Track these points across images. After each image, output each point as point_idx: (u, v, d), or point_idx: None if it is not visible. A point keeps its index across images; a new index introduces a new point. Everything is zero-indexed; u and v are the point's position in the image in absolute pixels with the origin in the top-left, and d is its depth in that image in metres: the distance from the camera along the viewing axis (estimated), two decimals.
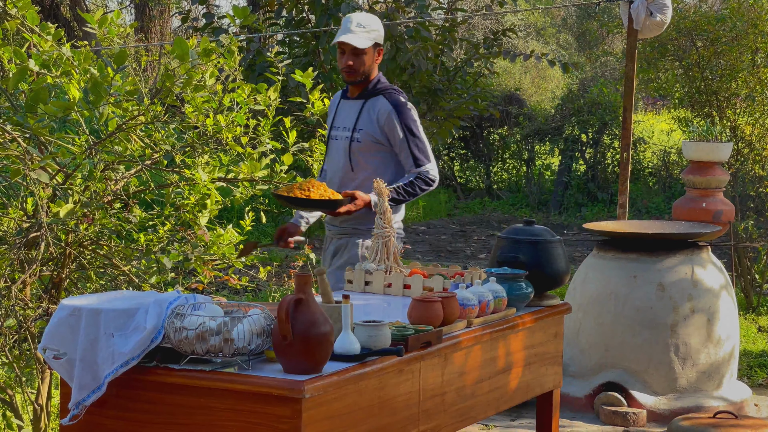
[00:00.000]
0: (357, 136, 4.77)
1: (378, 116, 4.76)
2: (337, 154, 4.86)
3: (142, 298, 3.31)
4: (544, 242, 4.55)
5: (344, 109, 4.86)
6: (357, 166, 4.80)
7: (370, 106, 4.78)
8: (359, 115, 4.79)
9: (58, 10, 15.09)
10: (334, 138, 4.88)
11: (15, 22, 4.48)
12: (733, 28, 9.61)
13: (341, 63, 4.75)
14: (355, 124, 4.79)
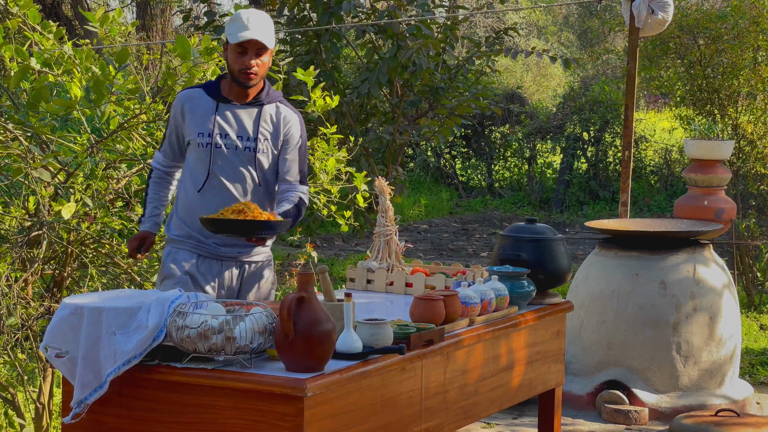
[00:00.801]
0: (261, 146, 4.19)
1: (282, 124, 4.22)
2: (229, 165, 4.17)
3: (144, 296, 3.31)
4: (546, 240, 4.55)
5: (229, 115, 4.17)
6: (262, 178, 4.22)
7: (269, 112, 4.22)
8: (258, 124, 4.20)
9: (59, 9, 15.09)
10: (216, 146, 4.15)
11: (16, 20, 4.48)
12: (735, 26, 9.60)
13: (240, 63, 4.10)
14: (257, 132, 4.18)
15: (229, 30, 4.12)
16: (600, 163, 15.68)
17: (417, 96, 9.17)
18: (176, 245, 4.20)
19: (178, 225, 4.20)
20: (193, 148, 4.17)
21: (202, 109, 4.17)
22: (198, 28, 9.36)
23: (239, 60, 4.12)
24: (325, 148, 5.09)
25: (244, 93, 4.18)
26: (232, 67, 4.13)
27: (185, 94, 4.23)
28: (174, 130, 4.23)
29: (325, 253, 11.61)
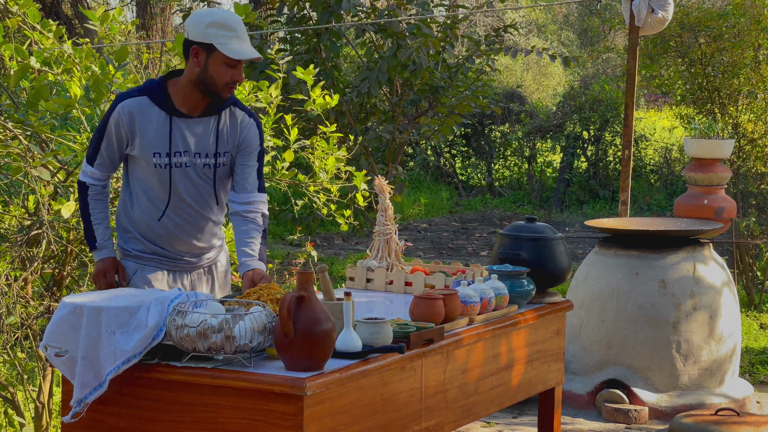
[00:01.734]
0: (221, 161, 3.93)
1: (240, 129, 3.94)
2: (191, 185, 3.91)
3: (143, 295, 3.31)
4: (545, 239, 4.55)
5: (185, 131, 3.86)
6: (220, 196, 3.99)
7: (224, 121, 3.92)
8: (217, 137, 3.91)
9: (59, 8, 15.09)
10: (176, 165, 3.86)
11: (16, 19, 4.47)
12: (736, 24, 9.60)
13: (228, 77, 3.79)
14: (216, 147, 3.90)
15: (220, 38, 3.74)
16: (600, 162, 15.68)
17: (417, 95, 9.17)
18: (140, 261, 3.94)
19: (139, 241, 3.93)
20: (146, 166, 3.85)
21: (154, 125, 3.82)
22: None
23: (228, 73, 3.78)
24: (325, 146, 5.09)
25: (201, 103, 3.85)
26: (217, 80, 3.78)
27: (129, 104, 3.81)
28: (114, 143, 3.84)
29: (324, 252, 11.61)
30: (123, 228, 3.97)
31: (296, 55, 8.99)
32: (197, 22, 3.78)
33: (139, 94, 3.84)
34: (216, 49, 3.74)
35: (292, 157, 4.88)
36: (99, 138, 3.87)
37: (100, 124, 3.87)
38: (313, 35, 8.85)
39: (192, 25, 3.79)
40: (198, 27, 3.77)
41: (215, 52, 3.75)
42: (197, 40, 3.77)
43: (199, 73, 3.79)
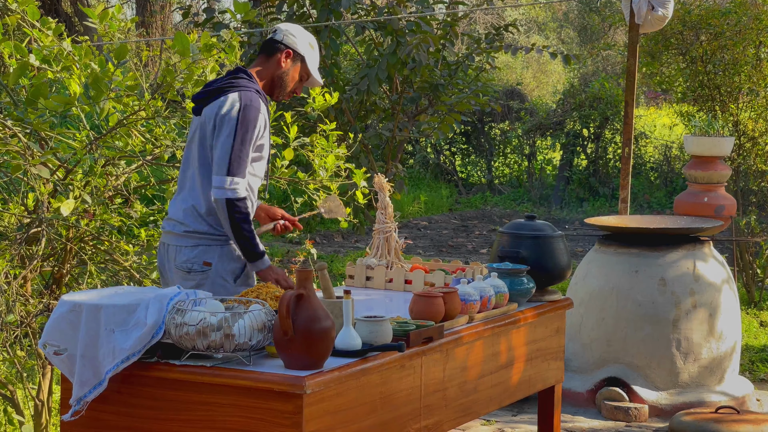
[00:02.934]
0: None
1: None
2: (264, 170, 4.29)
3: (142, 293, 3.31)
4: (545, 237, 4.55)
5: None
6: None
7: None
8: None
9: (59, 5, 15.09)
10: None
11: (16, 17, 4.47)
12: (737, 22, 9.59)
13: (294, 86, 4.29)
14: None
15: (312, 58, 4.27)
16: (600, 160, 15.67)
17: (416, 92, 9.16)
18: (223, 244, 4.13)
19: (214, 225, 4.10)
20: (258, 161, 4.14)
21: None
22: (197, 25, 9.35)
23: (297, 85, 4.28)
24: (325, 144, 5.08)
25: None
26: (288, 84, 4.25)
27: (262, 101, 4.16)
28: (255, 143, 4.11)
29: (324, 250, 11.61)
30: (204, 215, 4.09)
31: None
32: (302, 35, 4.32)
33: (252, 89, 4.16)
34: (305, 62, 4.26)
35: (292, 155, 4.87)
36: (248, 145, 4.08)
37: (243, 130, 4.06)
38: (313, 33, 8.84)
39: (294, 35, 4.29)
40: (301, 39, 4.30)
41: (303, 64, 4.26)
42: (294, 47, 4.27)
43: (280, 73, 4.24)
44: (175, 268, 4.08)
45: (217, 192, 4.01)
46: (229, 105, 4.10)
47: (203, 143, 4.14)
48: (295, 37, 4.29)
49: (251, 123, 4.09)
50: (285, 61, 4.25)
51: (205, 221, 4.10)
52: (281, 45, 4.26)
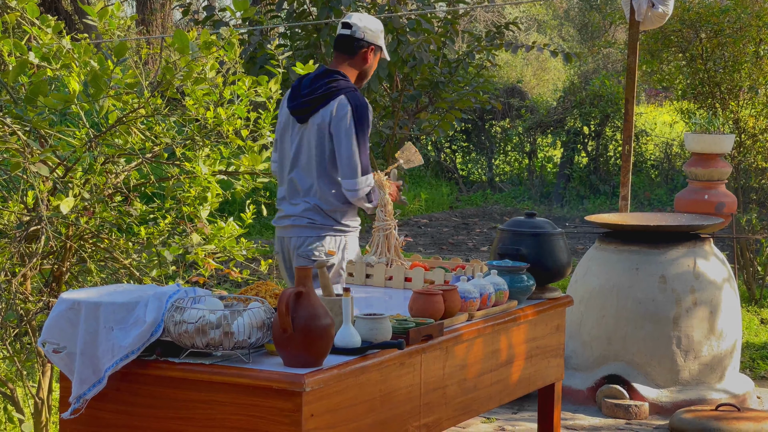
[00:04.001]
0: None
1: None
2: None
3: (141, 291, 3.30)
4: (545, 235, 4.54)
5: None
6: None
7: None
8: None
9: (58, 3, 15.07)
10: None
11: (15, 14, 4.46)
12: (737, 19, 9.57)
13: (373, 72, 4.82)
14: None
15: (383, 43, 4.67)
16: (600, 158, 15.67)
17: (417, 90, 9.16)
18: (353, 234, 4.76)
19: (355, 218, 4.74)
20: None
21: None
22: (197, 23, 9.35)
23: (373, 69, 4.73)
24: None
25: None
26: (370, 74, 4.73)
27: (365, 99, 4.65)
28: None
29: None
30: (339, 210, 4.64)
31: (296, 50, 8.98)
32: (375, 26, 4.66)
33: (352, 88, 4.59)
34: (382, 50, 4.67)
35: None
36: (367, 142, 4.58)
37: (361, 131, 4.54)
38: (313, 31, 8.84)
39: (370, 29, 4.63)
40: (376, 31, 4.64)
41: (380, 52, 4.67)
42: (374, 41, 4.65)
43: (366, 67, 4.67)
44: (297, 256, 4.57)
45: (352, 194, 4.57)
46: (342, 109, 4.52)
47: (322, 149, 4.58)
48: (372, 31, 4.64)
49: (366, 121, 4.55)
50: (370, 56, 4.66)
51: (330, 218, 4.63)
52: (363, 42, 4.64)
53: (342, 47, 4.66)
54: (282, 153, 4.79)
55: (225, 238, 4.73)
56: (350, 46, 4.64)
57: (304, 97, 4.61)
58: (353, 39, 4.62)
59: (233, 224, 4.78)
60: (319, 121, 4.56)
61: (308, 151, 4.63)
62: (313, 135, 4.59)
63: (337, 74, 4.58)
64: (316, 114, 4.57)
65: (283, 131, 4.80)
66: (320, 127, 4.57)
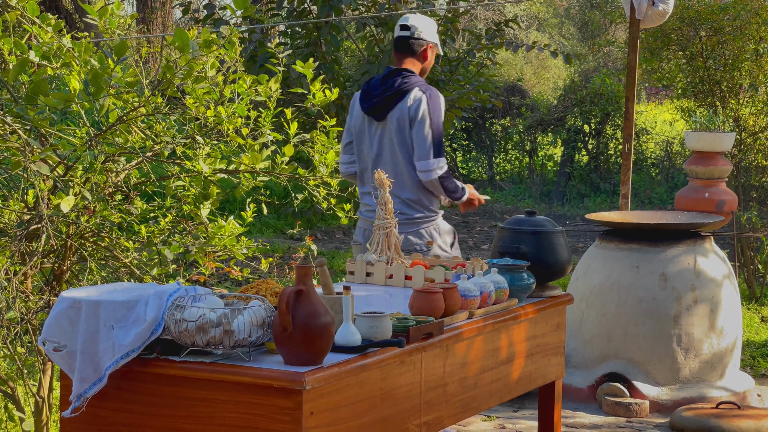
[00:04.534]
0: None
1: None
2: None
3: (142, 289, 3.31)
4: (546, 233, 4.54)
5: None
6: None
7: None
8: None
9: (59, 1, 15.07)
10: None
11: (15, 13, 4.46)
12: (737, 17, 9.58)
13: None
14: None
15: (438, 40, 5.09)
16: (601, 156, 15.66)
17: None
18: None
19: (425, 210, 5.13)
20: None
21: None
22: (198, 21, 9.35)
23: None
24: (325, 140, 5.08)
25: None
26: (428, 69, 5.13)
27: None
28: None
29: (325, 246, 11.61)
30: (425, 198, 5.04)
31: (296, 48, 8.98)
32: (430, 25, 5.06)
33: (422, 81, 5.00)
34: (437, 46, 5.07)
35: (292, 152, 4.87)
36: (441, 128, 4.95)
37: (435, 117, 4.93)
38: (314, 29, 8.84)
39: (427, 29, 5.03)
40: (432, 29, 5.04)
41: (436, 48, 5.06)
42: (432, 39, 5.05)
43: (426, 64, 5.07)
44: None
45: (425, 176, 4.92)
46: (416, 99, 4.93)
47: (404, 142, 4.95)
48: (428, 30, 5.04)
49: (440, 108, 4.93)
50: (429, 53, 5.07)
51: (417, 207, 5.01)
52: (422, 41, 5.03)
53: (403, 48, 5.06)
54: (361, 152, 5.18)
55: (225, 236, 4.73)
56: (410, 46, 5.04)
57: (377, 96, 4.99)
58: (412, 39, 5.02)
59: (234, 223, 4.78)
60: (398, 116, 4.97)
61: (390, 146, 5.01)
62: (394, 130, 4.98)
63: (406, 71, 4.99)
64: (394, 109, 4.96)
65: (359, 133, 5.18)
66: (400, 121, 4.97)
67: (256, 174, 4.86)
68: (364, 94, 5.12)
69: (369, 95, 5.07)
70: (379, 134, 5.04)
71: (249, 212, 4.94)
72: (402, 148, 4.97)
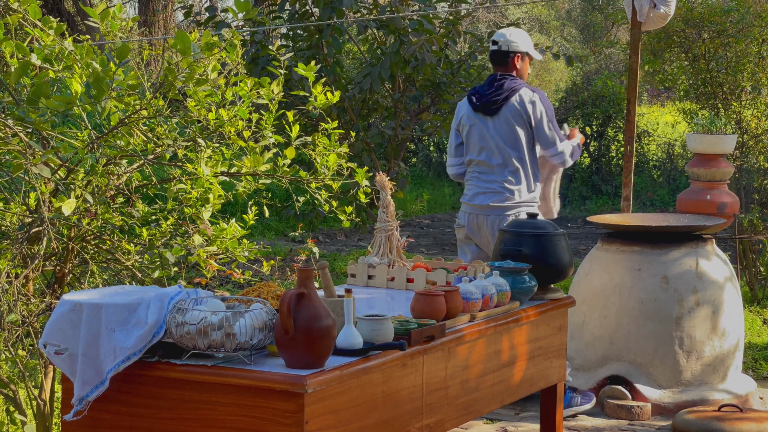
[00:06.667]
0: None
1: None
2: None
3: (143, 292, 3.31)
4: (547, 235, 4.54)
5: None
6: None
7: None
8: None
9: (61, 5, 15.09)
10: None
11: (17, 16, 4.46)
12: (740, 20, 9.57)
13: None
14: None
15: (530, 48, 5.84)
16: (602, 158, 15.65)
17: (419, 91, 9.16)
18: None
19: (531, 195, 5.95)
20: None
21: None
22: (199, 24, 9.35)
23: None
24: (327, 143, 5.08)
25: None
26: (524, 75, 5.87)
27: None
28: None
29: (327, 249, 11.61)
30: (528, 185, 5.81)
31: (298, 51, 8.98)
32: (518, 36, 5.82)
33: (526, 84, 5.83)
34: (529, 54, 5.86)
35: (294, 154, 4.86)
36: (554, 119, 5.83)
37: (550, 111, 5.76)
38: (315, 31, 8.84)
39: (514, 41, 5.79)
40: (519, 40, 5.80)
41: (528, 56, 5.86)
42: (519, 49, 5.81)
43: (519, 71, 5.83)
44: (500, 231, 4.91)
45: (558, 158, 5.81)
46: (531, 97, 5.74)
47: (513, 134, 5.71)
48: (516, 41, 5.80)
49: (549, 104, 5.79)
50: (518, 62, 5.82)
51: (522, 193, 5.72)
52: (510, 53, 5.79)
53: (497, 60, 5.83)
54: (470, 146, 5.87)
55: (227, 239, 4.73)
56: (502, 58, 5.80)
57: (489, 95, 5.75)
58: (502, 52, 5.79)
59: (235, 225, 4.78)
60: (511, 110, 5.72)
61: (500, 137, 5.74)
62: (505, 123, 5.74)
63: (510, 75, 5.78)
64: (507, 105, 5.72)
65: (469, 133, 5.86)
66: (511, 116, 5.72)
67: (258, 177, 4.85)
68: (474, 96, 5.85)
69: (480, 96, 5.80)
70: (489, 127, 5.76)
71: (251, 215, 4.93)
72: (510, 138, 5.72)
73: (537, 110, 5.74)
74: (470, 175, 5.94)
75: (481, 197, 5.81)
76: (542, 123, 5.74)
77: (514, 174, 5.75)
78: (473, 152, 5.88)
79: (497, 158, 5.75)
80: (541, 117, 5.74)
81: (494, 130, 5.78)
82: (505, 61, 5.82)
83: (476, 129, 5.85)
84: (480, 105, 5.80)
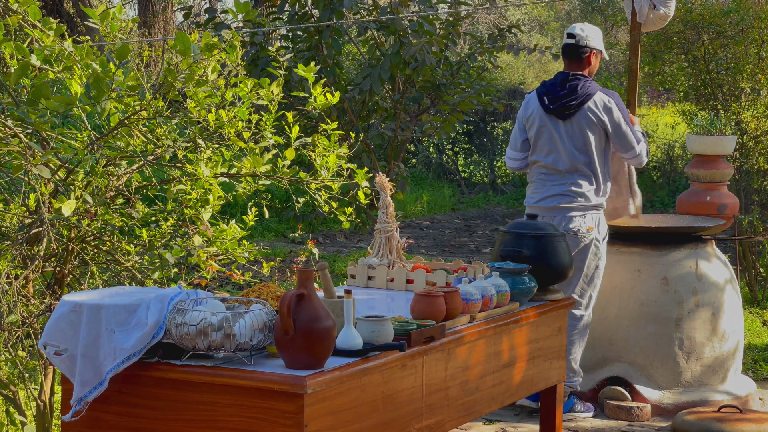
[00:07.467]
0: None
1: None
2: None
3: (143, 293, 3.31)
4: (547, 236, 4.54)
5: None
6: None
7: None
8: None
9: (60, 6, 15.09)
10: None
11: (17, 17, 4.46)
12: (739, 21, 9.57)
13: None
14: None
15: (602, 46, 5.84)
16: None
17: (419, 92, 9.16)
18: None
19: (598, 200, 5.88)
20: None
21: None
22: (199, 25, 9.35)
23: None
24: (326, 144, 5.08)
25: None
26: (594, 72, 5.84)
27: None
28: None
29: (327, 250, 11.61)
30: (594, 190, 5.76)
31: (298, 52, 8.98)
32: (594, 33, 5.81)
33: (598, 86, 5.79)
34: (602, 52, 5.85)
35: (294, 155, 4.86)
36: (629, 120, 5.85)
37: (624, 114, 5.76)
38: (315, 33, 8.84)
39: (592, 37, 5.78)
40: (597, 37, 5.80)
41: (600, 54, 5.85)
42: (596, 47, 5.80)
43: (591, 68, 5.81)
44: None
45: (636, 159, 5.83)
46: (605, 101, 5.69)
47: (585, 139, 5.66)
48: (593, 37, 5.78)
49: (623, 106, 5.77)
50: (592, 59, 5.81)
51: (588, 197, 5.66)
52: (587, 48, 5.75)
53: (570, 54, 5.78)
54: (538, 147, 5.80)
55: (227, 240, 4.73)
56: (576, 53, 5.75)
57: (562, 99, 5.68)
58: (578, 47, 5.74)
59: (235, 226, 4.78)
60: (584, 117, 5.67)
61: (571, 141, 5.69)
62: (578, 129, 5.68)
63: (582, 76, 5.73)
64: (581, 110, 5.66)
65: (538, 134, 5.80)
66: (585, 121, 5.67)
67: (258, 178, 4.85)
68: (546, 96, 5.78)
69: (552, 98, 5.73)
70: (561, 131, 5.71)
71: (250, 216, 4.93)
72: (582, 144, 5.68)
73: (614, 116, 5.71)
74: (535, 177, 5.85)
75: (548, 200, 5.73)
76: (620, 128, 5.72)
77: (582, 178, 5.69)
78: (540, 154, 5.80)
79: (565, 163, 5.69)
80: (619, 122, 5.71)
81: (566, 134, 5.72)
82: (579, 56, 5.77)
83: (546, 131, 5.77)
84: (553, 108, 5.73)
